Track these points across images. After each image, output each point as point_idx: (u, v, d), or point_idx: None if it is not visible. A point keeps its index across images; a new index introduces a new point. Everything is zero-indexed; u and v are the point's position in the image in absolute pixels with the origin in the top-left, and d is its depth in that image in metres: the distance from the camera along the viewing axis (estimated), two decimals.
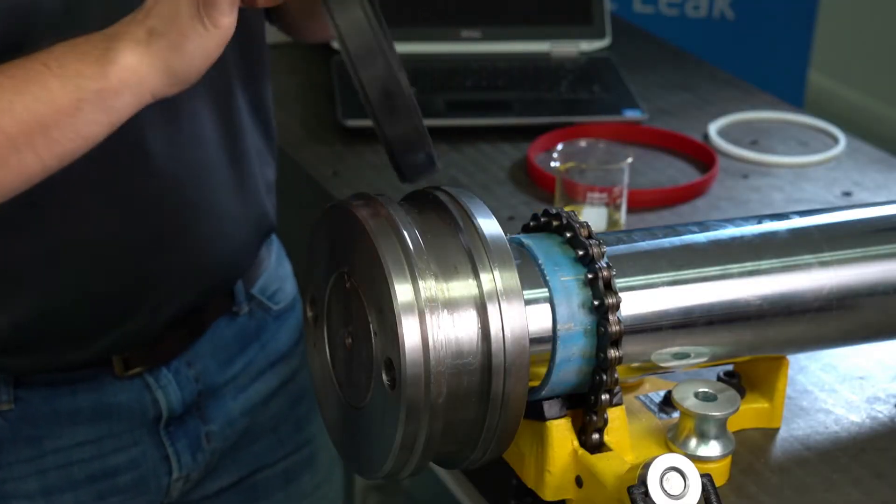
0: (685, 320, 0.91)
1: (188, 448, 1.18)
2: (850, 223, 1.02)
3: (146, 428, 1.15)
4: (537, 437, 0.90)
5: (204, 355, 1.18)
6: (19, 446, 1.10)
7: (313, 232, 0.92)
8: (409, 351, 0.80)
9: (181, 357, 1.16)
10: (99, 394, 1.12)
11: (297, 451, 1.29)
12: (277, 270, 1.27)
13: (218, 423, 1.20)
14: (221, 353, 1.19)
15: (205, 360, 1.18)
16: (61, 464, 1.12)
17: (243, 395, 1.22)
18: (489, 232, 0.84)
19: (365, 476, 0.90)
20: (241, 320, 1.21)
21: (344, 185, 1.51)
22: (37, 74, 0.86)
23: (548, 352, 0.87)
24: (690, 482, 0.82)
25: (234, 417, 1.21)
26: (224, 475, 1.23)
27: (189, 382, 1.16)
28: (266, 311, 1.24)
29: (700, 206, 1.49)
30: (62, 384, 1.10)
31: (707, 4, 3.02)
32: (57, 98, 0.86)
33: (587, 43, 1.87)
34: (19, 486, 1.11)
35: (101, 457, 1.14)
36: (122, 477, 1.15)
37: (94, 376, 1.11)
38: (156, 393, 1.14)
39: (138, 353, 1.12)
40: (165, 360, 1.14)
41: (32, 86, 0.86)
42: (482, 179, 1.54)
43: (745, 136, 1.67)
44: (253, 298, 1.22)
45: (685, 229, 0.96)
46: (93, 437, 1.13)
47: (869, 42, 3.80)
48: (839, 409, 1.08)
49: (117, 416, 1.13)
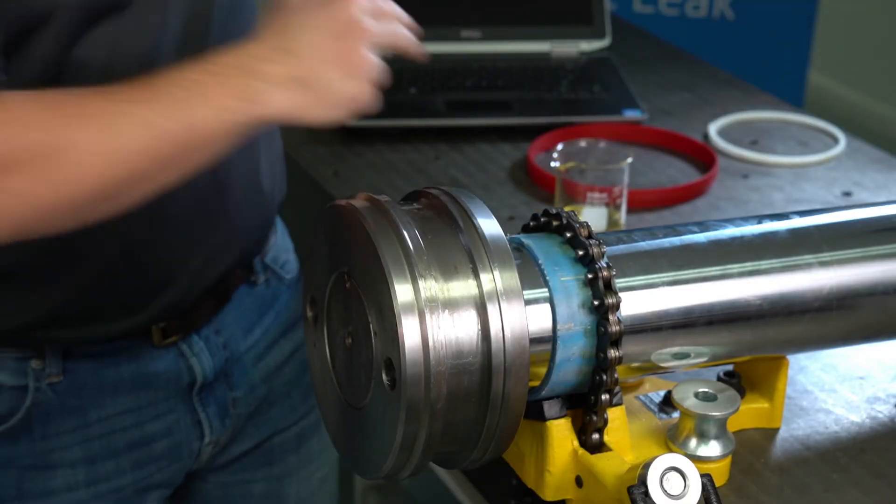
0: (685, 320, 0.91)
1: (217, 414, 1.23)
2: (850, 223, 1.02)
3: (181, 395, 1.20)
4: (537, 437, 0.90)
5: (229, 323, 1.23)
6: (66, 417, 1.14)
7: (313, 232, 0.92)
8: (409, 351, 0.80)
9: (210, 325, 1.21)
10: (139, 363, 1.16)
11: (307, 416, 1.34)
12: (284, 242, 1.32)
13: (242, 389, 1.25)
14: (243, 321, 1.24)
15: (230, 327, 1.23)
16: (104, 433, 1.17)
17: (262, 362, 1.27)
18: (489, 232, 0.84)
19: (365, 476, 0.90)
20: (258, 289, 1.26)
21: (344, 185, 1.51)
22: (182, 102, 0.90)
23: (548, 352, 0.87)
24: (690, 482, 0.82)
25: (256, 383, 1.27)
26: (245, 440, 1.29)
27: (218, 349, 1.21)
28: (279, 279, 1.29)
29: (700, 206, 1.49)
30: (106, 355, 1.15)
31: (707, 4, 3.03)
32: (202, 126, 0.90)
33: (587, 43, 1.87)
34: (64, 456, 1.15)
35: (139, 425, 1.18)
36: (159, 444, 1.20)
37: (135, 346, 1.16)
38: (190, 360, 1.19)
39: (174, 323, 1.17)
40: (197, 328, 1.19)
41: (179, 112, 0.90)
42: (482, 179, 1.54)
43: (745, 136, 1.67)
44: (268, 268, 1.27)
45: (685, 229, 0.96)
46: (133, 406, 1.18)
47: (869, 42, 3.80)
48: (839, 409, 1.08)
49: (155, 384, 1.18)
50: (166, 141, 0.89)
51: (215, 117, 0.90)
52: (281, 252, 1.30)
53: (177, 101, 0.89)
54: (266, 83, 0.90)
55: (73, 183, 0.88)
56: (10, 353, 1.11)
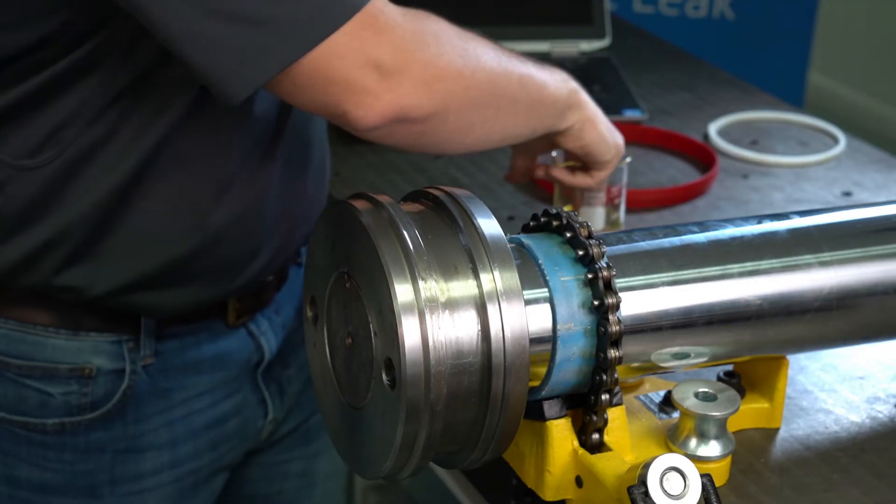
0: (685, 320, 0.91)
1: (277, 392, 1.28)
2: (850, 223, 1.02)
3: (248, 375, 1.24)
4: (537, 437, 0.90)
5: (286, 303, 1.28)
6: (156, 399, 1.18)
7: (313, 232, 0.92)
8: (409, 351, 0.80)
9: (271, 305, 1.24)
10: (216, 344, 1.20)
11: None
12: None
13: (294, 367, 1.30)
14: (295, 300, 1.30)
15: (287, 307, 1.28)
16: (186, 414, 1.20)
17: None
18: (489, 232, 0.84)
19: (365, 476, 0.90)
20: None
21: (344, 185, 1.51)
22: (523, 106, 1.13)
23: (548, 352, 0.87)
24: (690, 482, 0.82)
25: (303, 363, 1.30)
26: (291, 420, 1.34)
27: (279, 329, 1.26)
28: None
29: (700, 206, 1.49)
30: (189, 335, 1.19)
31: (707, 4, 3.03)
32: (522, 124, 1.15)
33: (587, 43, 1.87)
34: (153, 439, 1.19)
35: (214, 405, 1.22)
36: (230, 423, 1.24)
37: (213, 326, 1.20)
38: (259, 339, 1.23)
39: (247, 301, 1.21)
40: (262, 308, 1.23)
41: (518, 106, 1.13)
42: (482, 179, 1.54)
43: (745, 136, 1.67)
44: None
45: (685, 229, 0.96)
46: (209, 387, 1.21)
47: (869, 42, 3.80)
48: (839, 409, 1.08)
49: (228, 364, 1.22)
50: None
51: (533, 122, 1.16)
52: None
53: (522, 106, 1.14)
54: (573, 112, 1.19)
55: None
56: (106, 337, 1.14)
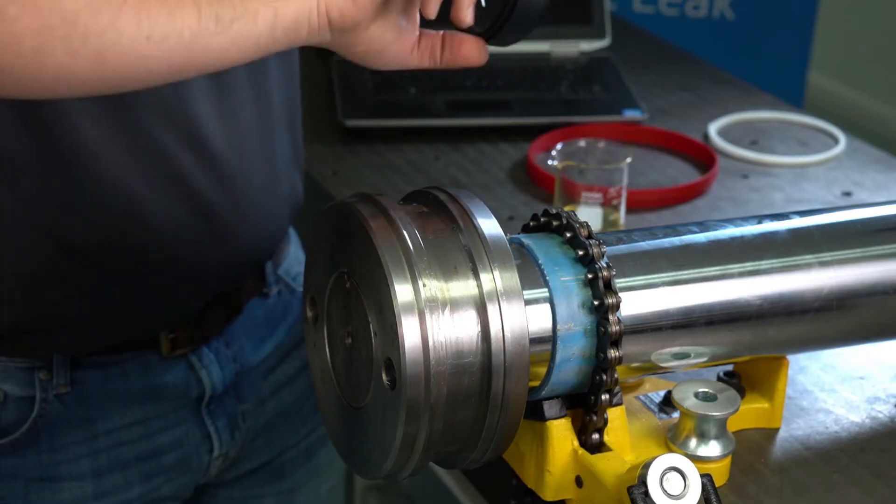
0: (685, 320, 0.91)
1: (227, 426, 1.22)
2: (850, 223, 1.02)
3: (190, 408, 1.19)
4: (537, 437, 0.90)
5: (240, 335, 1.22)
6: (73, 428, 1.14)
7: (313, 232, 0.92)
8: (409, 351, 0.80)
9: (220, 337, 1.20)
10: (147, 375, 1.16)
11: (316, 429, 1.33)
12: (297, 254, 1.31)
13: (252, 402, 1.25)
14: (255, 334, 1.24)
15: (241, 340, 1.22)
16: (112, 444, 1.16)
17: (272, 375, 1.26)
18: (489, 232, 0.84)
19: (365, 476, 0.90)
20: (270, 301, 1.25)
21: (344, 185, 1.51)
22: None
23: (548, 352, 0.87)
24: (690, 482, 0.82)
25: (265, 397, 1.26)
26: (255, 457, 1.28)
27: (228, 362, 1.21)
28: (292, 292, 1.28)
29: (700, 206, 1.49)
30: (114, 365, 1.14)
31: (707, 4, 3.03)
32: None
33: (587, 43, 1.86)
34: (72, 468, 1.15)
35: (148, 437, 1.18)
36: (168, 456, 1.19)
37: (143, 357, 1.15)
38: (199, 373, 1.19)
39: (183, 333, 1.16)
40: (206, 340, 1.19)
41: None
42: (482, 179, 1.54)
43: (745, 136, 1.67)
44: (280, 280, 1.27)
45: (685, 229, 0.96)
46: (141, 418, 1.17)
47: (869, 42, 3.80)
48: (839, 409, 1.08)
49: (164, 396, 1.18)
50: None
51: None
52: (294, 264, 1.29)
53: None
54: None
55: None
56: (18, 363, 1.10)
